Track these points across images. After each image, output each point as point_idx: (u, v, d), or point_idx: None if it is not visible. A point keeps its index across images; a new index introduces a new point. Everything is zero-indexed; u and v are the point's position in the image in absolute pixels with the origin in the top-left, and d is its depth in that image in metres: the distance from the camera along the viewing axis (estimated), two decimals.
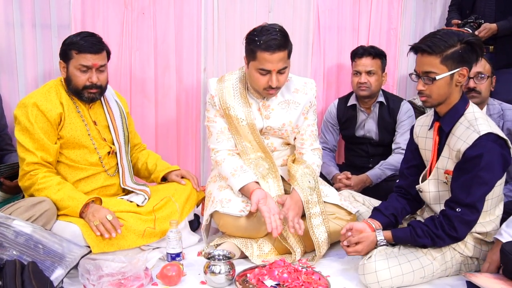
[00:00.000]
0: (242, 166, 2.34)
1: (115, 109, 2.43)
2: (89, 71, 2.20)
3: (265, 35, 2.15)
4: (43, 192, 2.09)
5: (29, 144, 2.13)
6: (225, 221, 2.25)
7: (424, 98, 1.97)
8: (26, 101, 2.17)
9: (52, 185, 2.10)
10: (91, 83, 2.20)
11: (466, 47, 1.88)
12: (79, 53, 2.17)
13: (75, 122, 2.25)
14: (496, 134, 1.89)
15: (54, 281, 1.78)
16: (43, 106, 2.15)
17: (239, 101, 2.36)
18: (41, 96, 2.19)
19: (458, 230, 1.92)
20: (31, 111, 2.13)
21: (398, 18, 3.34)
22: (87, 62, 2.18)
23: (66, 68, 2.22)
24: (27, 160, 2.12)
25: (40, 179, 2.10)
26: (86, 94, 2.23)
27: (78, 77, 2.19)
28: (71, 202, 2.08)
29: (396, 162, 2.88)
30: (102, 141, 2.34)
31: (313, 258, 2.26)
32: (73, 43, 2.19)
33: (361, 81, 2.86)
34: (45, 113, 2.15)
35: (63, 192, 2.10)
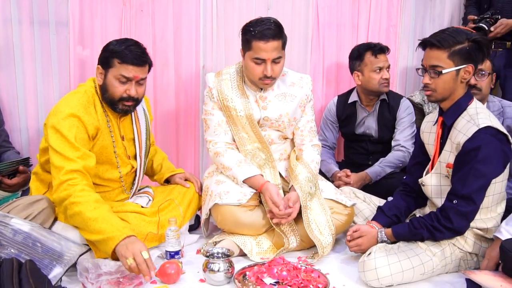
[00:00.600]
0: (246, 159, 2.38)
1: (142, 120, 2.35)
2: (129, 82, 2.09)
3: (260, 26, 2.23)
4: (78, 206, 1.88)
5: (69, 152, 1.96)
6: (223, 217, 2.25)
7: (429, 92, 2.01)
8: (66, 110, 2.02)
9: (89, 201, 1.90)
10: (128, 95, 2.10)
11: (474, 45, 1.93)
12: (121, 63, 2.06)
13: (105, 138, 2.16)
14: (496, 128, 1.91)
15: (52, 280, 1.77)
16: (84, 118, 2.04)
17: (236, 92, 2.39)
18: (83, 108, 2.05)
19: (454, 222, 1.94)
20: (73, 121, 2.00)
21: (397, 15, 3.33)
22: (128, 73, 2.07)
23: (104, 75, 2.10)
24: (66, 168, 1.93)
25: (78, 191, 1.91)
26: (120, 105, 2.12)
27: (116, 87, 2.08)
28: (106, 225, 1.84)
29: (396, 159, 2.88)
30: (126, 158, 2.27)
31: (313, 256, 2.26)
32: (116, 52, 2.07)
33: (386, 76, 2.85)
34: (86, 126, 2.03)
35: (99, 212, 1.88)
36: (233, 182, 2.34)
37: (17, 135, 2.75)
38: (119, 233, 1.83)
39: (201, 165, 3.16)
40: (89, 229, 1.88)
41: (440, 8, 3.41)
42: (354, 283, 2.02)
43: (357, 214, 2.45)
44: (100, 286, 1.82)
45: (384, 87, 2.87)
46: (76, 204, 1.89)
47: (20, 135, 2.76)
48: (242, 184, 2.31)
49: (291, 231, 2.26)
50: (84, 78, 2.80)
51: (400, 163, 2.88)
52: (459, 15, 3.45)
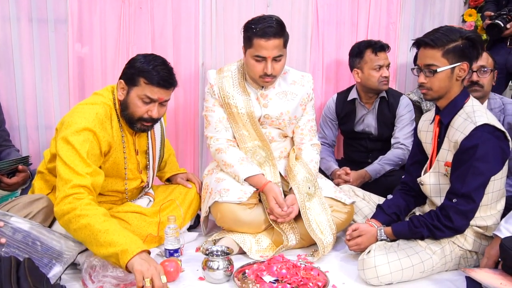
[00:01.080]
0: (247, 157, 2.39)
1: (157, 132, 2.32)
2: (152, 103, 2.02)
3: (262, 23, 2.23)
4: (85, 219, 1.78)
5: (79, 166, 1.87)
6: (223, 215, 2.25)
7: (425, 90, 2.02)
8: (83, 124, 1.93)
9: (97, 214, 1.80)
10: (149, 116, 2.04)
11: (467, 43, 1.93)
12: (148, 84, 1.99)
13: (118, 154, 2.11)
14: (493, 125, 1.91)
15: (52, 278, 1.77)
16: (100, 134, 1.97)
17: (238, 90, 2.39)
18: (98, 124, 1.97)
19: (454, 221, 1.94)
20: (87, 136, 1.92)
21: (397, 13, 3.32)
22: (153, 95, 2.00)
23: (127, 92, 2.03)
24: (73, 182, 1.85)
25: (84, 205, 1.82)
26: (139, 125, 2.07)
27: (139, 107, 2.02)
28: (118, 237, 1.74)
29: (395, 157, 2.87)
30: (138, 173, 2.23)
31: (312, 254, 2.26)
32: (144, 71, 1.98)
33: (386, 74, 2.84)
34: (100, 142, 1.97)
35: (109, 224, 1.79)
36: (233, 179, 2.34)
37: (16, 133, 2.74)
38: (134, 246, 1.72)
39: (201, 163, 3.16)
40: (98, 242, 1.75)
41: (440, 6, 3.41)
42: (353, 281, 2.02)
43: (357, 212, 2.45)
44: (101, 285, 1.82)
45: (383, 85, 2.86)
46: (83, 217, 1.79)
47: (19, 133, 2.75)
48: (243, 182, 2.31)
49: (290, 229, 2.26)
50: (83, 75, 2.80)
51: (400, 160, 2.88)
52: (459, 12, 3.45)
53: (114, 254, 1.73)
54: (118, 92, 2.08)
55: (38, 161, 2.76)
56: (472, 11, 3.40)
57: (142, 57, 2.05)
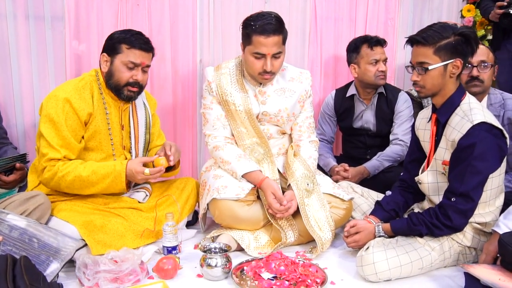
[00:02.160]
0: (245, 154, 2.38)
1: (140, 113, 2.39)
2: (135, 68, 2.18)
3: (261, 20, 2.22)
4: (69, 175, 2.07)
5: (54, 139, 2.08)
6: (221, 212, 2.24)
7: (418, 88, 2.02)
8: (59, 94, 2.10)
9: (76, 166, 2.08)
10: (134, 80, 2.18)
11: (460, 39, 1.92)
12: (130, 48, 2.15)
13: (100, 124, 2.21)
14: (490, 123, 1.90)
15: (49, 275, 1.76)
16: (76, 104, 2.11)
17: (236, 87, 2.38)
18: (76, 92, 2.13)
19: (453, 220, 1.93)
20: (63, 106, 2.08)
21: (395, 8, 3.31)
22: (136, 59, 2.16)
23: (110, 62, 2.18)
24: (48, 156, 2.08)
25: (61, 166, 2.07)
26: (125, 91, 2.20)
27: (123, 72, 2.17)
28: (105, 169, 2.09)
29: (394, 153, 2.87)
30: (121, 148, 2.31)
31: (311, 251, 2.25)
32: (124, 38, 2.16)
33: (383, 69, 2.84)
34: (77, 111, 2.11)
35: (90, 166, 2.10)
36: (231, 176, 2.33)
37: (13, 130, 2.73)
38: (119, 167, 2.11)
39: (199, 160, 3.15)
40: (93, 182, 2.10)
41: (438, 1, 3.40)
42: (352, 278, 2.01)
43: (355, 208, 2.44)
44: (97, 282, 1.82)
45: (380, 79, 2.86)
46: (68, 174, 2.07)
47: (17, 131, 2.74)
48: (240, 179, 2.30)
49: (288, 226, 2.26)
50: (80, 73, 2.78)
51: (398, 157, 2.87)
52: (457, 8, 3.44)
53: (113, 181, 2.11)
54: (102, 66, 2.22)
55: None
56: (470, 7, 3.40)
57: (119, 31, 2.25)
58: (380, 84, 2.88)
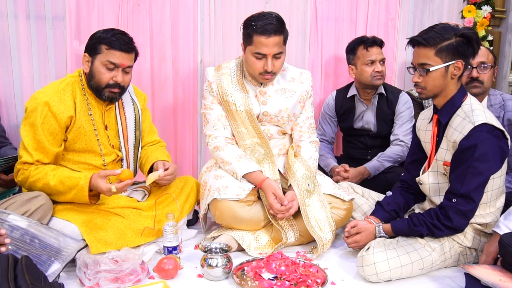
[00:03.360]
0: (245, 154, 2.38)
1: (129, 111, 2.37)
2: (115, 69, 2.13)
3: (262, 20, 2.21)
4: (39, 182, 2.05)
5: (29, 142, 2.07)
6: (221, 212, 2.24)
7: (420, 89, 2.01)
8: (39, 97, 2.08)
9: (46, 173, 2.06)
10: (114, 82, 2.14)
11: (461, 40, 1.91)
12: (109, 48, 2.11)
13: (85, 126, 2.18)
14: (491, 124, 1.90)
15: (50, 276, 1.76)
16: (55, 107, 2.08)
17: (236, 87, 2.38)
18: (55, 95, 2.10)
19: (454, 220, 1.93)
20: (42, 110, 2.06)
21: (396, 9, 3.32)
22: (115, 59, 2.11)
23: (91, 63, 2.15)
24: (22, 159, 2.09)
25: (33, 171, 2.07)
26: (107, 93, 2.16)
27: (103, 74, 2.13)
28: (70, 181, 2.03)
29: (395, 153, 2.87)
30: (110, 147, 2.29)
31: (311, 251, 2.25)
32: (104, 38, 2.12)
33: (379, 69, 2.84)
34: (55, 115, 2.08)
35: (59, 175, 2.05)
36: (232, 177, 2.33)
37: (14, 130, 2.73)
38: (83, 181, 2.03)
39: (199, 160, 3.15)
40: (60, 192, 2.06)
41: (439, 2, 3.40)
42: (352, 278, 2.01)
43: (356, 209, 2.44)
44: (97, 282, 1.82)
45: (377, 80, 2.86)
46: (38, 181, 2.06)
47: (17, 131, 2.74)
48: (241, 179, 2.30)
49: (289, 226, 2.26)
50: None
51: (399, 157, 2.87)
52: (458, 8, 3.44)
53: (75, 195, 2.05)
54: (83, 66, 2.18)
55: None
56: (471, 7, 3.40)
57: (102, 30, 2.19)
58: (377, 84, 2.89)
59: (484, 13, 3.38)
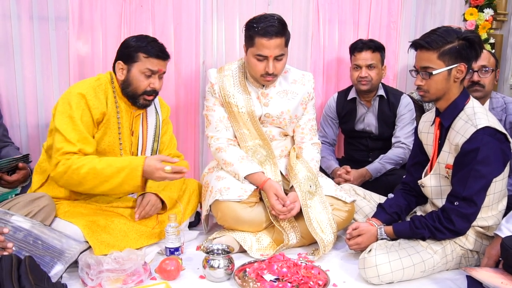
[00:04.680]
0: (247, 156, 2.39)
1: (151, 121, 2.38)
2: (153, 76, 2.19)
3: (263, 22, 2.22)
4: (84, 168, 2.00)
5: (70, 134, 2.05)
6: (224, 213, 2.25)
7: (422, 93, 2.01)
8: (75, 90, 2.11)
9: (91, 159, 2.04)
10: (152, 88, 2.19)
11: (464, 44, 1.91)
12: (148, 57, 2.16)
13: (112, 128, 2.20)
14: (494, 128, 1.90)
15: (53, 277, 1.77)
16: (91, 102, 2.11)
17: (238, 89, 2.39)
18: (91, 90, 2.13)
19: (455, 223, 1.93)
20: (79, 102, 2.08)
21: (398, 11, 3.32)
22: (153, 66, 2.17)
23: (127, 70, 2.18)
24: (64, 150, 2.04)
25: (76, 159, 2.03)
26: (142, 100, 2.21)
27: (141, 81, 2.17)
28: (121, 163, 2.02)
29: (396, 156, 2.87)
30: (130, 154, 2.30)
31: (313, 253, 2.26)
32: (141, 47, 2.16)
33: (362, 75, 2.85)
34: (91, 109, 2.11)
35: (106, 160, 2.05)
36: (234, 178, 2.33)
37: (17, 131, 2.74)
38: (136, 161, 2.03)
39: (201, 161, 3.16)
40: (107, 176, 2.01)
41: (441, 5, 3.40)
42: (354, 280, 2.02)
43: (357, 211, 2.45)
44: (100, 282, 1.82)
45: (361, 85, 2.87)
46: (82, 167, 2.00)
47: (20, 131, 2.74)
48: (243, 180, 2.31)
49: (291, 228, 2.26)
50: (83, 73, 2.79)
51: (401, 159, 2.88)
52: (460, 11, 3.44)
53: (128, 176, 2.01)
54: (117, 74, 2.21)
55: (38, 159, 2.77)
56: (473, 10, 3.40)
57: (134, 37, 2.23)
58: (362, 89, 2.89)
59: (486, 16, 3.38)
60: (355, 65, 2.88)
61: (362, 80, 2.85)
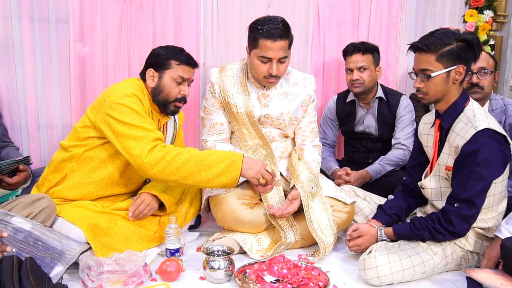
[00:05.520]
0: (234, 148, 2.42)
1: (170, 128, 2.41)
2: (183, 83, 2.24)
3: (267, 24, 2.22)
4: (185, 154, 2.00)
5: (146, 123, 2.07)
6: (224, 214, 2.25)
7: (422, 95, 2.01)
8: (124, 91, 2.11)
9: (190, 148, 2.06)
10: (182, 95, 2.24)
11: (462, 45, 1.91)
12: (180, 64, 2.21)
13: None
14: (494, 130, 1.90)
15: (53, 278, 1.77)
16: (142, 100, 2.16)
17: (238, 89, 2.40)
18: (138, 92, 2.16)
19: (456, 225, 1.94)
20: (135, 101, 2.10)
21: (398, 13, 3.32)
22: (185, 74, 2.22)
23: (159, 77, 2.22)
24: (153, 136, 2.04)
25: (173, 148, 2.03)
26: (172, 107, 2.25)
27: (173, 88, 2.21)
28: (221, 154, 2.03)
29: (396, 157, 2.88)
30: None
31: (313, 254, 2.26)
32: (174, 55, 2.21)
33: (353, 78, 2.86)
34: (144, 106, 2.15)
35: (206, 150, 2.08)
36: None
37: (17, 132, 2.74)
38: (237, 155, 2.04)
39: None
40: (207, 165, 1.99)
41: (441, 6, 3.41)
42: (354, 281, 2.02)
43: (358, 212, 2.45)
44: (100, 284, 1.82)
45: (354, 87, 2.88)
46: (182, 153, 2.00)
47: (20, 132, 2.75)
48: None
49: (289, 226, 2.26)
50: (84, 75, 2.80)
51: (401, 161, 2.88)
52: (460, 13, 3.45)
53: (227, 168, 2.00)
54: (148, 81, 2.23)
55: (39, 160, 2.77)
56: (473, 12, 3.41)
57: (162, 47, 2.27)
58: (355, 92, 2.91)
59: (486, 17, 3.39)
60: (347, 68, 2.90)
61: (354, 82, 2.86)
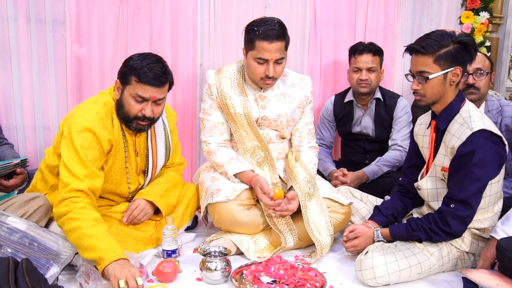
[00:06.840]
0: (238, 156, 2.40)
1: (160, 137, 2.28)
2: (145, 102, 2.01)
3: (264, 26, 2.22)
4: (76, 222, 1.82)
5: (77, 169, 1.91)
6: (220, 216, 2.25)
7: (419, 97, 2.02)
8: (81, 122, 1.95)
9: (88, 218, 1.84)
10: (143, 115, 2.02)
11: (459, 47, 1.92)
12: (138, 82, 1.97)
13: (119, 153, 2.11)
14: (489, 131, 1.90)
15: (49, 279, 1.76)
16: (100, 134, 1.97)
17: (236, 90, 2.39)
18: (99, 122, 1.98)
19: (452, 226, 1.94)
20: (86, 136, 1.94)
21: (394, 14, 3.33)
22: (144, 94, 1.98)
23: (121, 91, 2.04)
24: (71, 186, 1.89)
25: (78, 208, 1.85)
26: (134, 124, 2.06)
27: (132, 106, 2.01)
28: (100, 244, 1.77)
29: (393, 158, 2.88)
30: (136, 175, 2.23)
31: (310, 255, 2.26)
32: (135, 69, 1.97)
33: (362, 78, 2.85)
34: (100, 141, 1.97)
35: (96, 230, 1.82)
36: (225, 178, 2.35)
37: (13, 133, 2.73)
38: (112, 253, 1.76)
39: (198, 165, 3.15)
40: (83, 246, 1.80)
41: (437, 8, 3.41)
42: (351, 282, 2.02)
43: (354, 213, 2.45)
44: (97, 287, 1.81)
45: (361, 87, 2.88)
46: (74, 220, 1.83)
47: (17, 134, 2.74)
48: (233, 179, 2.32)
49: (288, 230, 2.26)
50: (80, 76, 2.79)
51: (397, 162, 2.89)
52: (456, 14, 3.46)
53: (94, 259, 1.79)
54: (114, 92, 2.09)
55: (36, 161, 2.76)
56: (469, 13, 3.42)
57: (137, 55, 2.04)
58: (362, 92, 2.90)
59: (482, 19, 3.40)
60: (355, 67, 2.89)
61: (362, 82, 2.86)
